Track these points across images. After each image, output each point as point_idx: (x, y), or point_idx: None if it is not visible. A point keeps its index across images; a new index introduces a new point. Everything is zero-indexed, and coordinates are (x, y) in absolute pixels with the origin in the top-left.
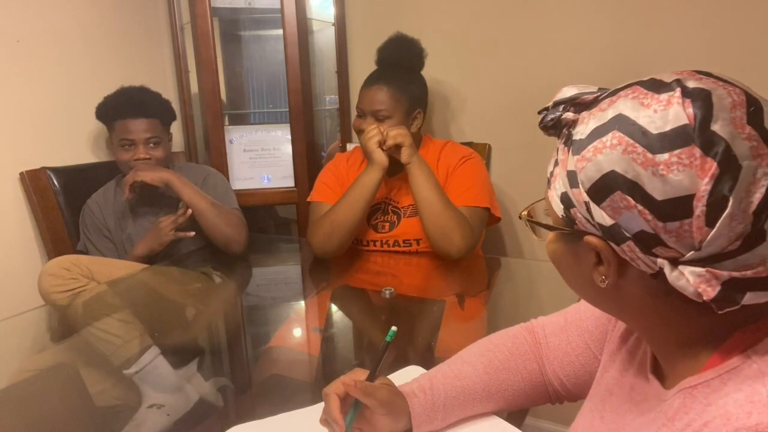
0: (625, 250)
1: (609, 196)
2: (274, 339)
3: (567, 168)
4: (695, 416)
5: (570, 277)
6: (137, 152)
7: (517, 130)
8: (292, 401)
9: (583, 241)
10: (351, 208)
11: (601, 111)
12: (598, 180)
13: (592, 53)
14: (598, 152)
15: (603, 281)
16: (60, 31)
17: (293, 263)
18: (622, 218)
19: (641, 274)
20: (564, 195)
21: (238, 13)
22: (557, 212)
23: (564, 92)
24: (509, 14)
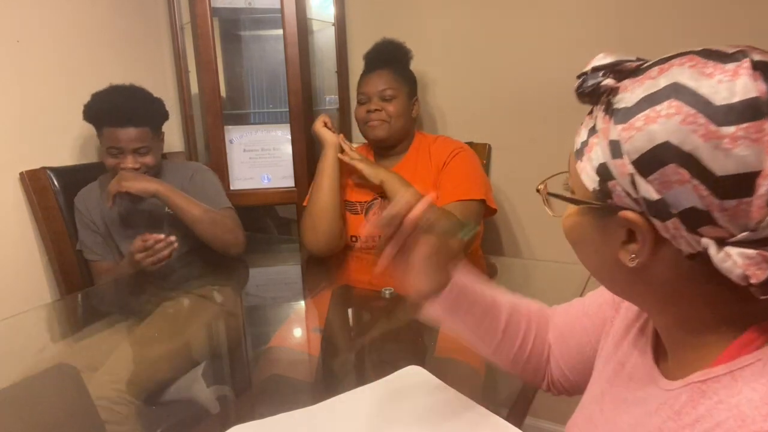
0: (668, 228)
1: (660, 169)
2: (274, 339)
3: (609, 137)
4: (704, 412)
5: (589, 253)
6: (125, 161)
7: (517, 130)
8: (292, 401)
9: (614, 216)
10: (321, 193)
11: (651, 79)
12: (649, 151)
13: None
14: (651, 121)
15: (632, 260)
16: (60, 31)
17: (293, 263)
18: (671, 193)
19: (675, 255)
20: (602, 166)
21: (238, 13)
22: (588, 185)
23: (602, 58)
24: (509, 14)
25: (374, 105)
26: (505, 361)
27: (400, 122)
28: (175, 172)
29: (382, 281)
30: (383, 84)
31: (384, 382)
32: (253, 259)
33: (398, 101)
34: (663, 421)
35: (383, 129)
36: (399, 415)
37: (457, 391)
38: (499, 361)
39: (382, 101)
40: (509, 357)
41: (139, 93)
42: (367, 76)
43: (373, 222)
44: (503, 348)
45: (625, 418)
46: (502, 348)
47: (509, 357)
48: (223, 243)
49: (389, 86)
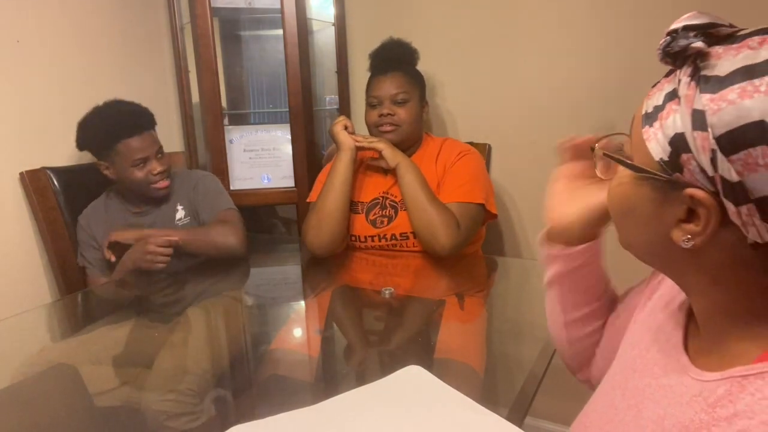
0: (741, 213)
1: (747, 149)
2: (275, 341)
3: (693, 106)
4: (744, 408)
5: (637, 227)
6: (153, 167)
7: (517, 130)
8: (292, 401)
9: (678, 192)
10: (331, 194)
11: (751, 49)
12: (739, 128)
13: (593, 53)
14: (747, 95)
15: (687, 240)
16: (60, 31)
17: (293, 263)
18: (753, 177)
19: (737, 241)
20: (678, 136)
21: (238, 13)
22: (655, 153)
23: (695, 17)
24: (509, 14)
25: (386, 109)
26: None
27: (412, 127)
28: (181, 182)
29: (382, 281)
30: (396, 87)
31: (384, 382)
32: (253, 259)
33: (410, 105)
34: (695, 413)
35: (396, 134)
36: (399, 415)
37: (457, 391)
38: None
39: (395, 105)
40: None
41: (126, 103)
42: (378, 79)
43: None
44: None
45: (650, 406)
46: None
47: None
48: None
49: (402, 89)
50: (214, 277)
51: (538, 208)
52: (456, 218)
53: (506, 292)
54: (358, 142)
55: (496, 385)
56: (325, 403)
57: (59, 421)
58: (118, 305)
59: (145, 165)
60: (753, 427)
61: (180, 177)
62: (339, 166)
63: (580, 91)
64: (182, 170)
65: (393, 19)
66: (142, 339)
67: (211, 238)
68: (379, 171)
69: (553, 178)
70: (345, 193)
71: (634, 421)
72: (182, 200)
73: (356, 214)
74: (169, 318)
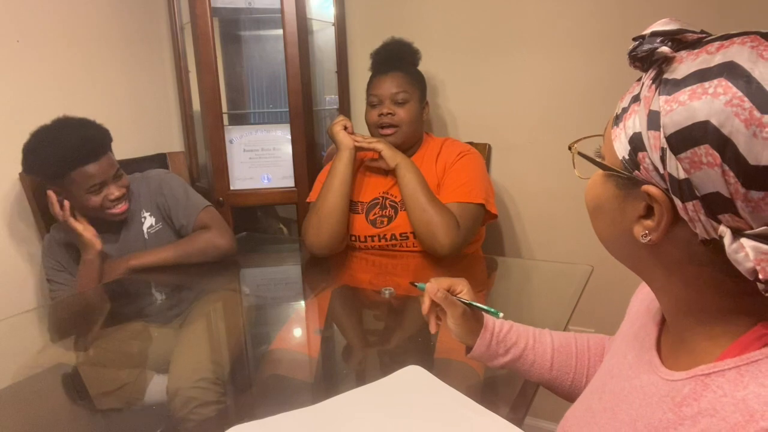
0: (688, 209)
1: (692, 148)
2: (275, 342)
3: (650, 107)
4: (707, 406)
5: (605, 224)
6: (110, 191)
7: (517, 130)
8: (292, 401)
9: (637, 189)
10: (331, 194)
11: (708, 54)
12: (687, 127)
13: (593, 53)
14: (696, 98)
15: (645, 236)
16: (60, 31)
17: (293, 263)
18: (698, 174)
19: (689, 238)
20: (636, 136)
21: (238, 13)
22: (619, 152)
23: (664, 23)
24: (510, 14)
25: (386, 109)
26: (562, 394)
27: (413, 127)
28: (139, 187)
29: (382, 281)
30: (396, 87)
31: (384, 382)
32: (253, 259)
33: (410, 105)
34: (663, 413)
35: (395, 135)
36: (399, 415)
37: (457, 391)
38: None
39: (395, 105)
40: (564, 391)
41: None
42: (379, 78)
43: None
44: (558, 384)
45: (624, 408)
46: (557, 384)
47: (564, 391)
48: (212, 257)
49: (402, 89)
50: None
51: (538, 208)
52: (456, 218)
53: (506, 292)
54: (358, 142)
55: (496, 385)
56: (325, 403)
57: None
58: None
59: (101, 190)
60: (714, 425)
61: (137, 182)
62: (338, 166)
63: (580, 92)
64: (133, 176)
65: (393, 19)
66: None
67: (202, 248)
68: (379, 171)
69: None
70: (344, 193)
71: (610, 423)
72: (147, 206)
73: (356, 214)
74: (170, 319)
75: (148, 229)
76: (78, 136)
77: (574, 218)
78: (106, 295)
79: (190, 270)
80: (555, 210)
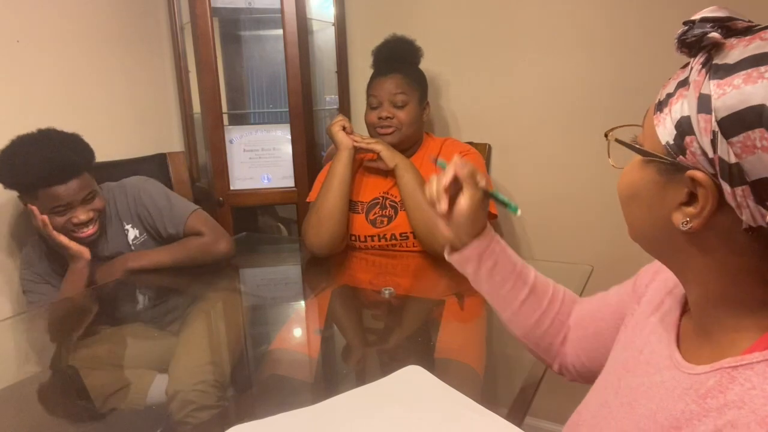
0: (736, 194)
1: (746, 132)
2: (275, 341)
3: (700, 91)
4: (734, 398)
5: (641, 210)
6: (77, 215)
7: (517, 130)
8: (292, 401)
9: (680, 174)
10: (330, 194)
11: (762, 40)
12: (741, 111)
13: (594, 53)
14: (751, 81)
15: (686, 223)
16: (60, 31)
17: (293, 263)
18: (750, 159)
19: (731, 226)
20: (684, 120)
21: (238, 13)
22: (662, 137)
23: (713, 10)
24: (509, 14)
25: (386, 112)
26: (519, 331)
27: (412, 129)
28: (120, 198)
29: (382, 281)
30: (396, 89)
31: (384, 382)
32: (253, 259)
33: (410, 107)
34: (686, 404)
35: (394, 136)
36: (399, 415)
37: (457, 391)
38: (514, 329)
39: (394, 108)
40: (524, 329)
41: (58, 139)
42: (379, 80)
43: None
44: (519, 318)
45: (642, 402)
46: (518, 318)
47: (524, 329)
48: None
49: (402, 91)
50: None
51: (538, 208)
52: None
53: None
54: (356, 143)
55: (496, 385)
56: (325, 403)
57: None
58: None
59: (66, 212)
60: (743, 417)
61: (114, 193)
62: (338, 166)
63: (580, 92)
64: (109, 186)
65: (393, 19)
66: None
67: (200, 252)
68: (379, 171)
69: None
70: (344, 193)
71: (627, 418)
72: (128, 218)
73: (356, 213)
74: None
75: (133, 240)
76: (50, 156)
77: (574, 218)
78: (106, 297)
79: (189, 270)
80: (555, 210)
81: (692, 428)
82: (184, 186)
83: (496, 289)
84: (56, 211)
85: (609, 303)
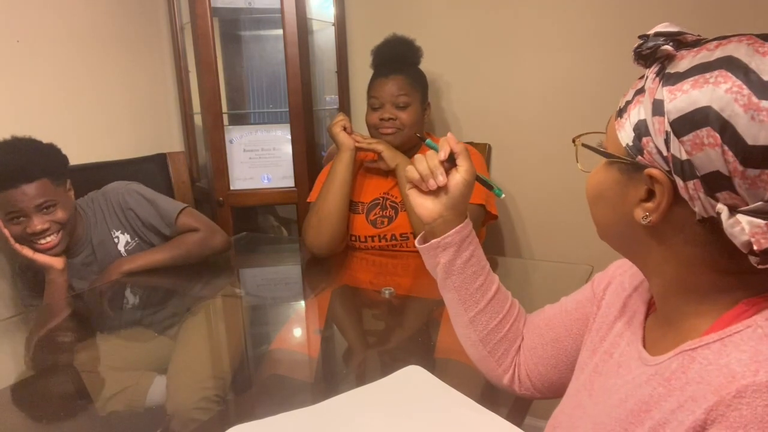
0: (688, 188)
1: (695, 131)
2: (275, 341)
3: (654, 96)
4: (694, 375)
5: (606, 209)
6: (31, 224)
7: (517, 130)
8: (292, 401)
9: (640, 173)
10: (330, 195)
11: (708, 50)
12: (690, 112)
13: (594, 53)
14: (698, 86)
15: (646, 217)
16: (60, 31)
17: (293, 263)
18: (699, 155)
19: (686, 219)
20: (641, 122)
21: (238, 13)
22: (623, 140)
23: (666, 26)
24: (509, 14)
25: (387, 113)
26: (478, 334)
27: (414, 130)
28: (103, 206)
29: (382, 281)
30: (398, 91)
31: (384, 382)
32: (253, 259)
33: (412, 109)
34: (653, 388)
35: (396, 137)
36: (399, 414)
37: (457, 391)
38: (472, 333)
39: (396, 109)
40: (483, 332)
41: (23, 144)
42: (382, 79)
43: None
44: (482, 319)
45: (615, 397)
46: (480, 318)
47: (483, 332)
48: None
49: (404, 93)
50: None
51: (538, 208)
52: None
53: None
54: (358, 143)
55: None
56: (325, 403)
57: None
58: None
59: (19, 220)
60: (700, 390)
61: (97, 202)
62: (339, 167)
63: (580, 92)
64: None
65: (393, 19)
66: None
67: (197, 248)
68: (379, 172)
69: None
70: (345, 194)
71: (603, 414)
72: (115, 225)
73: (356, 214)
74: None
75: (125, 246)
76: (8, 159)
77: (574, 218)
78: (105, 298)
79: (189, 271)
80: (555, 210)
81: (660, 408)
82: (184, 186)
83: (467, 284)
84: (10, 217)
85: (567, 310)
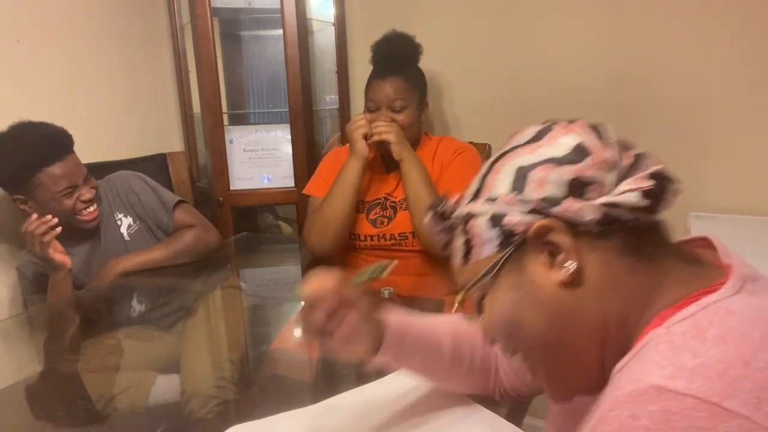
0: (567, 208)
1: (528, 175)
2: (275, 342)
3: (476, 205)
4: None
5: (527, 311)
6: (82, 193)
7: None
8: (292, 401)
9: (526, 249)
10: (338, 201)
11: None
12: (514, 174)
13: (594, 54)
14: (498, 173)
15: (568, 267)
16: (60, 31)
17: (293, 263)
18: (548, 187)
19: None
20: (493, 217)
21: (238, 13)
22: (490, 250)
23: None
24: (509, 14)
25: (383, 116)
26: (458, 383)
27: (410, 132)
28: (108, 191)
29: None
30: (394, 95)
31: (383, 382)
32: (253, 259)
33: (408, 111)
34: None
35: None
36: (399, 414)
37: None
38: (453, 386)
39: (392, 112)
40: (460, 378)
41: (38, 126)
42: (379, 81)
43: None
44: (454, 373)
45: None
46: (453, 374)
47: (460, 378)
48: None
49: (400, 96)
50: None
51: None
52: None
53: None
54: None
55: None
56: (325, 402)
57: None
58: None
59: (73, 193)
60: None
61: (102, 187)
62: (349, 173)
63: (580, 92)
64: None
65: (393, 19)
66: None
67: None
68: (381, 172)
69: None
70: (352, 200)
71: None
72: (120, 208)
73: (357, 212)
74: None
75: (128, 229)
76: (39, 136)
77: None
78: (105, 299)
79: (189, 270)
80: None
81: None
82: (184, 186)
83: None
84: (64, 193)
85: None
